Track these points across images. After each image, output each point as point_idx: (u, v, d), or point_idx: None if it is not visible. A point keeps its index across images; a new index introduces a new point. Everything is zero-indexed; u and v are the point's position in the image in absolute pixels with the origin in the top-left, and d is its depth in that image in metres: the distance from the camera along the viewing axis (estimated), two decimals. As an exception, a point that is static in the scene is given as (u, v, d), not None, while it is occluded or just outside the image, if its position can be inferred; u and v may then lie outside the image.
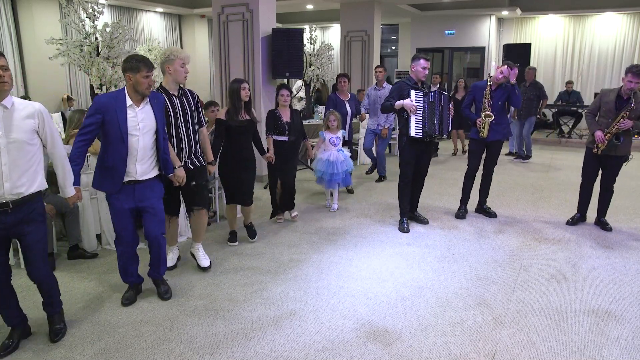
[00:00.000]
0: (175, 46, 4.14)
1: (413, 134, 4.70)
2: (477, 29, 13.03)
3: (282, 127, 4.99)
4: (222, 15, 7.12)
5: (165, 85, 3.61)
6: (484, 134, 5.07)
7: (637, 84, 4.45)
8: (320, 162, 5.51)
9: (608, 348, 2.87)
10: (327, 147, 5.57)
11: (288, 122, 5.00)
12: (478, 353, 2.82)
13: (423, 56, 4.73)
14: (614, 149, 4.65)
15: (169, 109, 3.56)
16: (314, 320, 3.17)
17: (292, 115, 5.07)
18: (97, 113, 3.06)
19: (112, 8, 12.29)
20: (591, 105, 4.92)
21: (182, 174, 3.52)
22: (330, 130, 5.58)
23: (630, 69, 4.47)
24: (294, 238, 4.76)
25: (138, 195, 3.24)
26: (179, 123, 3.64)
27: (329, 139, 5.56)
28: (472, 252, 4.37)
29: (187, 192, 3.82)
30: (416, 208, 5.25)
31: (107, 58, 7.02)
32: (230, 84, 4.34)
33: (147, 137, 3.20)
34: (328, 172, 5.44)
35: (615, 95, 4.63)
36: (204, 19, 14.55)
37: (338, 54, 13.12)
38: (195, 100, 3.79)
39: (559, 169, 8.15)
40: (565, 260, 4.18)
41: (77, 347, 2.87)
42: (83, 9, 6.99)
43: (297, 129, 5.08)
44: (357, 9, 10.62)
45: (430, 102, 4.68)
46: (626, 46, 12.53)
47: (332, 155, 5.49)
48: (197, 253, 4.02)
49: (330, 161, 5.46)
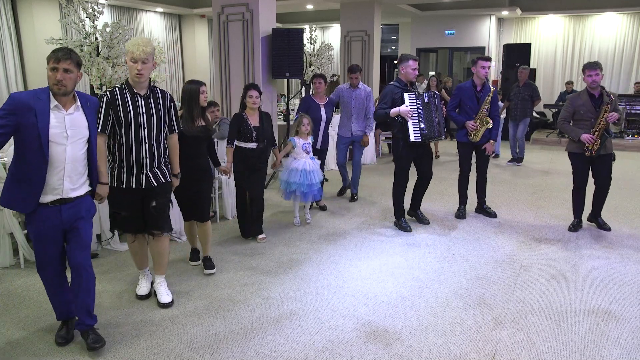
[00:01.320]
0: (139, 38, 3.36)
1: (412, 139, 4.62)
2: (477, 29, 13.03)
3: (248, 133, 4.41)
4: (222, 15, 7.12)
5: (130, 82, 3.12)
6: (477, 138, 5.08)
7: (597, 76, 4.54)
8: (293, 173, 4.82)
9: (608, 348, 2.87)
10: (299, 154, 4.89)
11: (256, 126, 4.43)
12: (478, 353, 2.82)
13: (412, 57, 4.72)
14: (605, 145, 4.63)
15: (124, 109, 3.05)
16: (314, 320, 3.17)
17: (262, 119, 4.50)
18: (11, 114, 2.51)
19: (112, 8, 12.29)
20: (563, 114, 4.86)
21: (103, 193, 2.99)
22: (301, 135, 4.94)
23: (585, 66, 4.65)
24: (294, 238, 4.76)
25: (66, 217, 2.71)
26: (141, 128, 3.10)
27: (302, 145, 4.90)
28: (472, 252, 4.37)
29: (147, 212, 3.28)
30: (419, 207, 5.22)
31: (107, 58, 7.01)
32: (186, 86, 3.82)
33: (77, 146, 2.69)
34: (304, 183, 4.79)
35: (587, 95, 4.66)
36: (204, 19, 14.55)
37: (338, 54, 13.11)
38: (167, 102, 3.26)
39: (558, 169, 8.15)
40: (565, 260, 4.18)
41: (76, 347, 2.87)
42: (83, 9, 6.99)
43: (266, 134, 4.52)
44: (357, 9, 10.61)
45: (425, 104, 4.64)
46: (626, 46, 12.54)
47: (306, 164, 4.85)
48: (159, 288, 3.44)
49: (306, 171, 4.82)
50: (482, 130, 5.06)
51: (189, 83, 3.85)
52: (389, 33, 16.65)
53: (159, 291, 3.44)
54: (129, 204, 3.21)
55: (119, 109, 3.05)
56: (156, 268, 3.47)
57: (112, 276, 3.84)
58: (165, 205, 3.33)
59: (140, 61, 3.00)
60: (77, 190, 2.76)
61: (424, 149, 4.86)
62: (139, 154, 3.13)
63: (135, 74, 3.02)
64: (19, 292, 3.52)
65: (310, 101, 5.68)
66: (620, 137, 10.64)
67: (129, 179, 3.15)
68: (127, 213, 3.22)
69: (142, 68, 3.01)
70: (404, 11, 12.66)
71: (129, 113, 3.06)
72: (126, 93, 3.09)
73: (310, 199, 5.06)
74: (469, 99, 5.09)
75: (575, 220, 5.01)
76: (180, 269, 4.03)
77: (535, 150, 10.30)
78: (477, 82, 5.11)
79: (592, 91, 4.62)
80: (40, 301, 3.40)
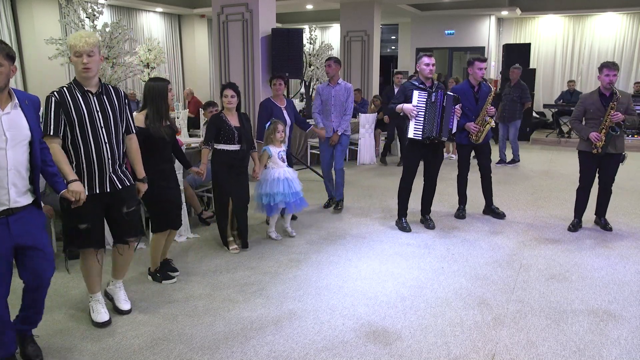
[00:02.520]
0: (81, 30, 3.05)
1: (411, 135, 4.67)
2: (477, 29, 13.04)
3: (230, 133, 4.14)
4: (222, 15, 7.12)
5: (78, 79, 2.88)
6: (480, 139, 5.07)
7: (614, 77, 4.53)
8: (275, 184, 4.47)
9: (607, 348, 2.87)
10: (275, 163, 4.58)
11: (237, 127, 4.18)
12: (478, 353, 2.82)
13: (425, 54, 4.73)
14: (613, 144, 4.63)
15: (76, 109, 2.82)
16: (314, 320, 3.17)
17: (241, 119, 4.27)
18: None
19: (112, 8, 12.29)
20: (575, 113, 4.89)
21: (78, 188, 2.71)
22: (275, 143, 4.59)
23: (604, 64, 4.59)
24: (293, 238, 4.75)
25: (16, 230, 2.43)
26: (98, 127, 2.88)
27: (277, 153, 4.57)
28: (471, 252, 4.37)
29: (116, 220, 3.07)
30: (428, 212, 5.14)
31: (106, 58, 7.01)
32: (151, 83, 3.54)
33: (19, 150, 2.40)
34: (289, 192, 4.50)
35: (597, 95, 4.67)
36: (204, 19, 14.55)
37: (338, 54, 13.11)
38: (121, 100, 3.02)
39: (558, 169, 8.15)
40: (565, 260, 4.18)
41: (76, 347, 2.87)
42: (83, 9, 6.99)
43: (247, 135, 4.28)
44: (357, 9, 10.62)
45: (431, 103, 4.63)
46: (626, 46, 12.55)
47: (285, 172, 4.58)
48: (118, 293, 3.29)
49: (288, 180, 4.54)
50: (485, 131, 5.05)
51: (153, 80, 3.56)
52: (388, 33, 16.65)
53: (118, 296, 3.27)
54: (91, 214, 2.92)
55: (70, 109, 2.81)
56: (119, 274, 3.30)
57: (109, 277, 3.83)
58: (138, 209, 3.16)
59: (85, 54, 2.76)
60: (23, 197, 2.46)
61: (432, 152, 4.83)
62: (100, 156, 2.90)
63: (82, 68, 2.78)
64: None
65: (272, 105, 5.16)
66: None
67: (91, 185, 2.91)
68: (89, 225, 2.91)
69: (88, 61, 2.77)
70: (403, 11, 12.66)
71: (82, 112, 2.83)
72: (76, 92, 2.85)
73: (292, 210, 4.70)
74: (467, 100, 5.05)
75: (576, 220, 5.01)
76: (180, 268, 4.02)
77: (535, 150, 10.30)
78: (473, 83, 5.10)
79: (605, 91, 4.61)
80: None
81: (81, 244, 2.99)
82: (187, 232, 4.76)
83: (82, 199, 2.72)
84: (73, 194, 2.68)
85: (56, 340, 2.94)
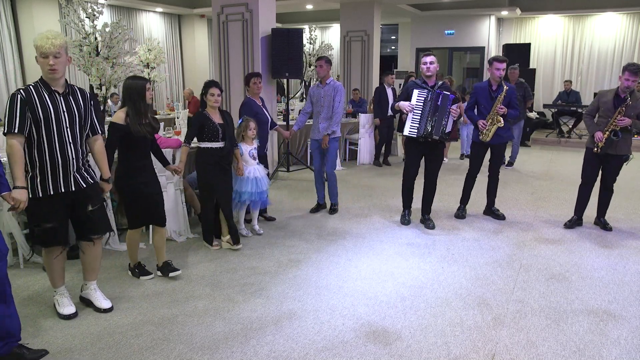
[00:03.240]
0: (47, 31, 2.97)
1: (406, 132, 4.80)
2: (477, 29, 13.04)
3: (214, 131, 4.15)
4: (222, 15, 7.12)
5: (45, 79, 2.88)
6: (487, 138, 5.06)
7: (634, 82, 4.47)
8: (244, 182, 4.56)
9: (607, 348, 2.87)
10: (246, 161, 4.61)
11: (221, 124, 4.20)
12: (478, 353, 2.82)
13: (425, 54, 4.81)
14: (614, 147, 4.64)
15: (43, 107, 2.81)
16: (314, 320, 3.17)
17: (224, 117, 4.28)
18: None
19: (112, 8, 12.29)
20: (589, 107, 4.95)
21: (21, 197, 2.70)
22: (247, 141, 4.64)
23: (627, 67, 4.49)
24: (293, 238, 4.75)
25: None
26: (63, 127, 2.88)
27: (248, 151, 4.62)
28: (472, 252, 4.37)
29: (80, 218, 3.05)
30: (428, 212, 5.16)
31: (106, 58, 7.02)
32: (129, 81, 3.50)
33: None
34: (256, 191, 4.60)
35: (613, 94, 4.66)
36: (204, 18, 14.56)
37: (338, 54, 13.12)
38: (87, 101, 3.03)
39: (558, 169, 8.15)
40: (565, 260, 4.18)
41: (76, 347, 2.87)
42: (82, 9, 6.99)
43: (230, 133, 4.28)
44: (357, 9, 10.62)
45: (429, 102, 4.69)
46: (626, 46, 12.55)
47: (256, 170, 4.64)
48: (94, 294, 3.26)
49: (257, 179, 4.61)
50: (493, 129, 5.02)
51: (132, 79, 3.54)
52: (388, 33, 16.66)
53: (96, 297, 3.25)
54: (55, 213, 2.93)
55: (36, 108, 2.79)
56: (90, 275, 3.27)
57: (112, 276, 3.84)
58: (102, 207, 3.17)
59: (51, 55, 2.77)
60: None
61: (432, 151, 4.87)
62: (65, 155, 2.91)
63: (48, 69, 2.79)
64: (19, 292, 3.52)
65: (253, 104, 5.13)
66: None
67: (55, 184, 2.90)
68: (54, 224, 2.92)
69: (54, 63, 2.78)
70: (403, 11, 12.66)
71: (48, 112, 2.82)
72: (43, 91, 2.84)
73: (258, 206, 4.86)
74: (484, 98, 5.08)
75: (574, 217, 5.04)
76: (180, 268, 4.02)
77: (535, 150, 10.30)
78: (492, 83, 5.10)
79: (621, 93, 4.61)
80: (40, 302, 3.40)
81: (47, 242, 3.00)
82: (187, 232, 4.76)
83: (21, 208, 2.73)
84: (14, 200, 2.68)
85: (56, 340, 2.94)
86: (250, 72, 5.21)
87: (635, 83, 4.49)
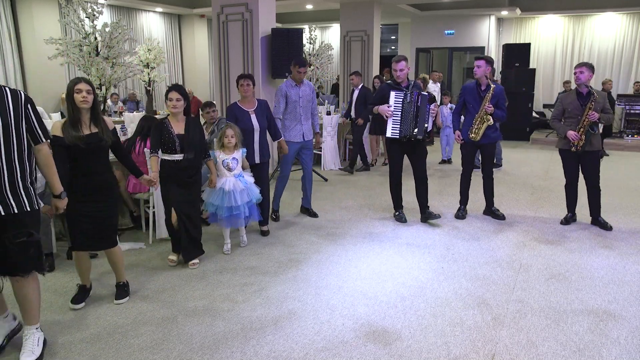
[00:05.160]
0: None
1: (389, 134, 4.91)
2: (477, 29, 13.04)
3: (170, 142, 3.78)
4: (222, 15, 7.12)
5: None
6: (477, 137, 5.07)
7: (581, 73, 4.71)
8: (212, 194, 4.15)
9: (607, 348, 2.87)
10: (220, 171, 4.19)
11: (180, 134, 3.79)
12: (478, 353, 2.82)
13: (395, 59, 4.91)
14: (590, 142, 4.80)
15: None
16: (314, 320, 3.17)
17: (188, 126, 3.86)
18: None
19: (112, 8, 12.30)
20: (554, 112, 5.15)
21: None
22: (226, 149, 4.21)
23: (576, 66, 4.84)
24: (293, 238, 4.75)
25: None
26: None
27: (222, 161, 4.18)
28: (471, 252, 4.37)
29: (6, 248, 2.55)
30: (426, 207, 5.21)
31: (106, 58, 7.02)
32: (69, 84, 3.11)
33: None
34: (224, 206, 4.10)
35: (575, 94, 4.85)
36: (204, 18, 14.56)
37: (338, 54, 13.11)
38: (19, 104, 2.54)
39: (558, 169, 8.11)
40: (565, 260, 4.18)
41: (76, 347, 2.87)
42: (82, 9, 7.00)
43: (194, 143, 3.85)
44: (356, 9, 10.62)
45: (407, 103, 4.82)
46: (626, 46, 12.55)
47: (227, 183, 4.13)
48: (25, 341, 2.71)
49: (225, 191, 4.10)
50: (483, 128, 5.04)
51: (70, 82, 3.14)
52: (388, 33, 16.66)
53: (24, 345, 2.69)
54: None
55: None
56: (24, 317, 2.75)
57: (112, 276, 3.83)
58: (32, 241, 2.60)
59: None
60: None
61: (414, 149, 4.98)
62: None
63: None
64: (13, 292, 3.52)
65: (236, 110, 4.61)
66: (620, 137, 10.64)
67: None
68: None
69: None
70: (403, 11, 12.67)
71: None
72: None
73: (236, 224, 4.33)
74: (473, 98, 5.14)
75: (569, 214, 5.19)
76: (179, 267, 4.02)
77: (535, 150, 10.30)
78: (479, 81, 5.14)
79: (579, 89, 4.80)
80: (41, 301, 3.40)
81: None
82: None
83: None
84: None
85: (56, 340, 2.94)
86: (240, 74, 4.72)
87: (584, 75, 4.71)
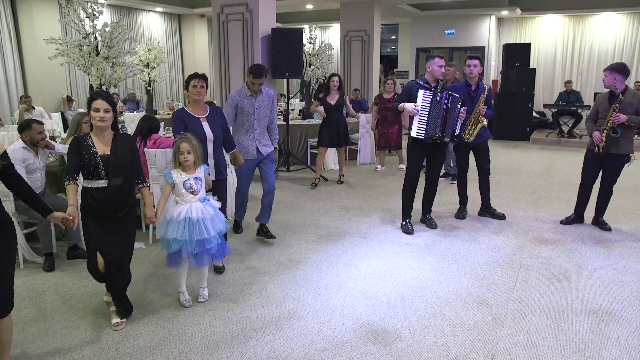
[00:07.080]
0: None
1: (414, 133, 4.65)
2: (477, 28, 13.04)
3: (91, 164, 2.88)
4: (222, 15, 7.12)
5: None
6: (471, 138, 5.05)
7: (605, 77, 4.64)
8: (173, 226, 3.13)
9: (608, 348, 2.87)
10: (180, 196, 3.22)
11: (105, 155, 2.92)
12: (478, 353, 2.82)
13: (438, 55, 4.70)
14: (615, 145, 4.66)
15: None
16: (314, 320, 3.17)
17: (115, 142, 2.98)
18: None
19: (112, 8, 12.29)
20: (590, 112, 5.04)
21: None
22: (185, 168, 3.24)
23: (606, 68, 4.72)
24: (293, 238, 4.75)
25: None
26: None
27: (184, 182, 3.21)
28: (471, 252, 4.37)
29: None
30: (429, 212, 5.15)
31: (106, 58, 7.02)
32: None
33: None
34: (192, 240, 3.13)
35: (608, 95, 4.77)
36: (204, 18, 14.56)
37: (338, 54, 13.12)
38: None
39: (558, 169, 8.15)
40: (565, 260, 4.18)
41: (75, 347, 2.87)
42: (82, 9, 6.99)
43: (122, 165, 2.96)
44: (357, 8, 10.62)
45: (436, 103, 4.59)
46: (626, 46, 12.55)
47: (193, 210, 3.16)
48: None
49: (193, 221, 3.14)
50: (477, 129, 5.03)
51: None
52: (388, 33, 16.66)
53: None
54: None
55: None
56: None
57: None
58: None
59: None
60: None
61: (436, 152, 4.83)
62: None
63: None
64: (19, 292, 3.52)
65: (184, 116, 3.74)
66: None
67: None
68: None
69: None
70: (403, 11, 12.67)
71: None
72: None
73: (206, 262, 3.32)
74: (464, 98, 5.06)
75: (574, 215, 5.11)
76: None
77: (535, 150, 10.29)
78: (469, 81, 5.11)
79: (613, 91, 4.66)
80: (40, 301, 3.40)
81: None
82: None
83: None
84: None
85: (56, 340, 2.94)
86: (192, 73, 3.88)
87: (609, 78, 4.62)
